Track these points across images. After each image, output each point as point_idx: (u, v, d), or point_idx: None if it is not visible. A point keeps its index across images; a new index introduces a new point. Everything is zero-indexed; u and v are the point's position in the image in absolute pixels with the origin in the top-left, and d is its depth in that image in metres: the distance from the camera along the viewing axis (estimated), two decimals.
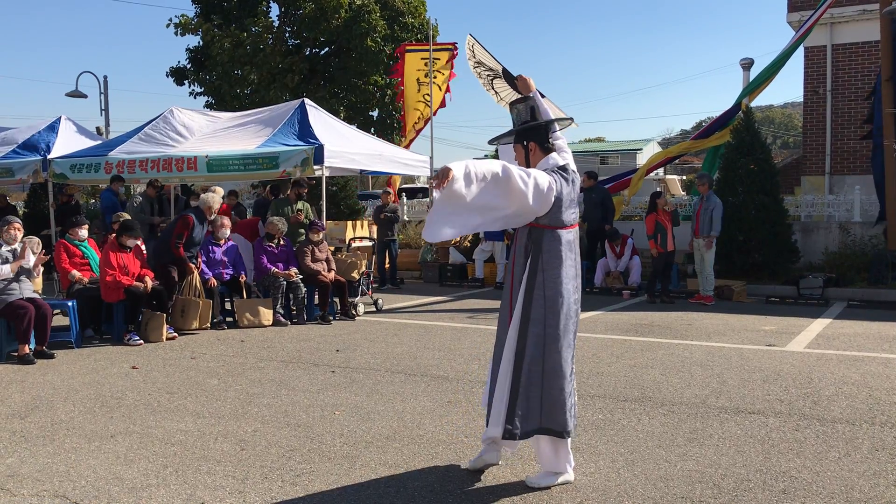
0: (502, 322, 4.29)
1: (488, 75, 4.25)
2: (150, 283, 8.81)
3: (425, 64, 16.84)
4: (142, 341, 8.61)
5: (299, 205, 11.58)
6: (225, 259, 9.90)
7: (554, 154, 4.27)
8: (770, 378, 6.68)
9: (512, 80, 4.47)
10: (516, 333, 4.14)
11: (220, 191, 10.32)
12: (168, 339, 8.78)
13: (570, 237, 4.21)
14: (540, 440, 4.20)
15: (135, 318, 8.78)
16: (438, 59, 16.86)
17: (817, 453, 4.71)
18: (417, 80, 17.32)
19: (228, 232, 9.98)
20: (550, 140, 4.31)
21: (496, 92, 4.35)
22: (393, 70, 18.32)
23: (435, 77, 16.78)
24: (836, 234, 13.92)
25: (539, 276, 4.12)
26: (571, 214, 4.21)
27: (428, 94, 16.91)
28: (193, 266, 9.28)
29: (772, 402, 5.91)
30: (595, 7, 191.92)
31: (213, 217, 9.69)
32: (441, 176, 3.77)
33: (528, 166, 4.25)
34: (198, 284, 9.27)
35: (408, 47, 17.86)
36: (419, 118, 17.64)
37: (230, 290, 10.00)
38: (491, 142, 4.58)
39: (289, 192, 11.73)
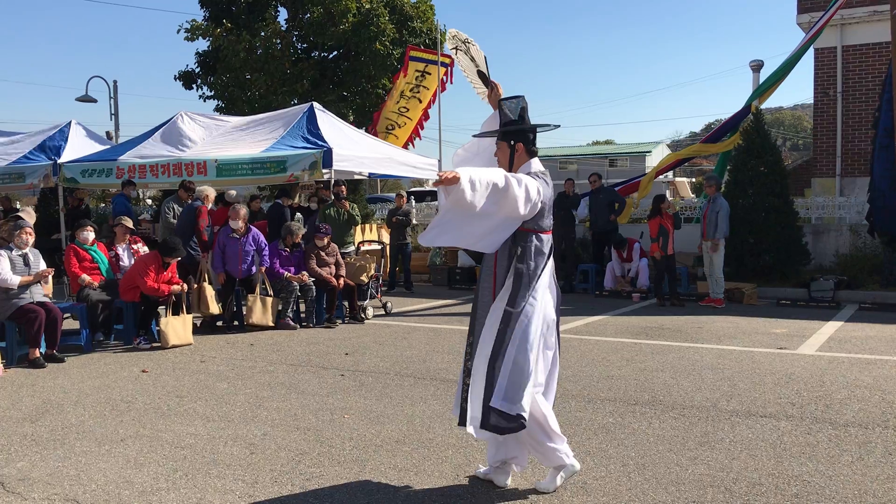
0: (479, 319, 4.22)
1: (462, 50, 4.14)
2: (178, 288, 8.95)
3: (416, 78, 16.72)
4: (149, 345, 8.63)
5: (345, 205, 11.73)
6: (251, 249, 9.87)
7: (536, 159, 4.30)
8: (781, 381, 6.64)
9: (486, 81, 4.41)
10: (494, 332, 4.08)
11: (211, 191, 10.50)
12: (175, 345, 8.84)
13: (548, 241, 4.24)
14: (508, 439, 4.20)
15: (147, 323, 8.83)
16: (430, 73, 16.63)
17: (830, 457, 4.68)
18: (402, 92, 17.18)
19: (241, 224, 9.87)
20: (535, 145, 4.33)
21: (459, 61, 4.25)
22: (398, 73, 18.18)
23: (419, 92, 16.67)
24: (846, 237, 13.83)
25: (525, 278, 4.10)
26: (549, 220, 4.26)
27: (405, 108, 16.88)
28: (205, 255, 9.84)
29: (783, 405, 5.87)
30: (604, 10, 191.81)
31: (210, 206, 10.12)
32: (446, 178, 3.75)
33: (510, 166, 4.28)
34: (206, 270, 9.64)
35: (412, 52, 17.78)
36: (389, 127, 17.45)
37: (244, 291, 9.98)
38: (475, 136, 4.52)
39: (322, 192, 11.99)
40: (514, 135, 4.26)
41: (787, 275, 12.90)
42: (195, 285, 9.53)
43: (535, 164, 4.26)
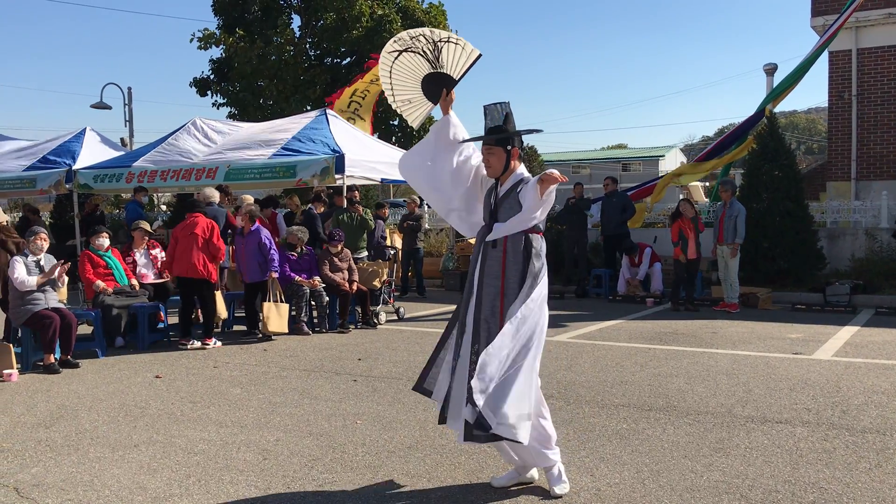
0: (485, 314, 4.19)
1: (417, 52, 3.81)
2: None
3: (359, 92, 16.01)
4: (219, 343, 9.01)
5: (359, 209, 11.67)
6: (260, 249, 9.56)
7: (523, 164, 4.40)
8: (797, 387, 6.58)
9: (435, 85, 4.12)
10: (515, 331, 4.04)
11: (250, 198, 10.38)
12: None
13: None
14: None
15: (210, 325, 9.18)
16: (368, 91, 15.93)
17: (847, 464, 4.63)
18: (349, 103, 16.44)
19: (242, 222, 9.79)
20: (522, 149, 4.42)
21: (392, 64, 3.89)
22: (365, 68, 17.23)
23: (358, 108, 16.15)
24: (862, 241, 13.72)
25: (539, 279, 4.15)
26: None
27: (367, 91, 16.37)
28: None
29: (799, 411, 5.81)
30: (617, 15, 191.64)
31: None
32: (559, 178, 3.94)
33: (505, 170, 4.29)
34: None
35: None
36: (354, 109, 16.72)
37: (260, 294, 9.81)
38: (464, 140, 4.46)
39: (336, 199, 12.04)
40: (511, 140, 4.29)
41: (803, 279, 12.80)
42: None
43: (524, 168, 4.36)
